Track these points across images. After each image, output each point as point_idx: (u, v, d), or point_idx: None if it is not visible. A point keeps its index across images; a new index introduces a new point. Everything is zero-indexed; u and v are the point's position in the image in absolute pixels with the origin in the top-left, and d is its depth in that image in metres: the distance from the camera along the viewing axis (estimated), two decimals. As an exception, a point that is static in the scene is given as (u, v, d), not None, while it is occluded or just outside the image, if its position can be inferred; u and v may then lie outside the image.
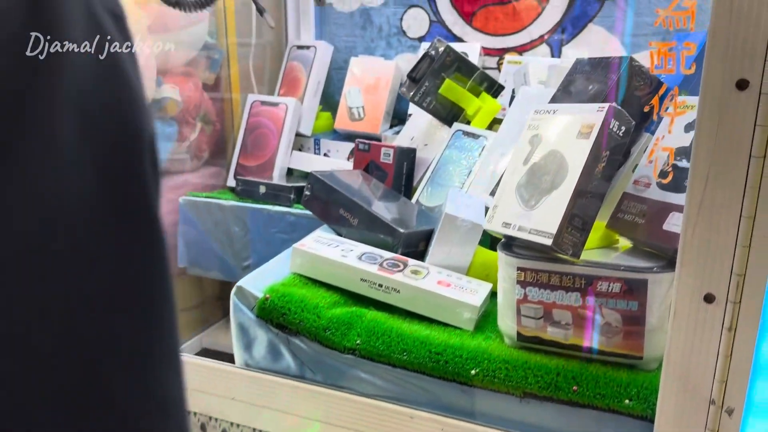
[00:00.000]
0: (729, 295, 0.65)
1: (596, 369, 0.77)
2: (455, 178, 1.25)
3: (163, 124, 1.46)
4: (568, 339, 0.79)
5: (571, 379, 0.76)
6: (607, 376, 0.75)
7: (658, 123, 0.82)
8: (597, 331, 0.77)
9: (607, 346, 0.77)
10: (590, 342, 0.77)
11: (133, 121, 0.34)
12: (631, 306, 0.75)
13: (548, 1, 1.45)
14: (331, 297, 0.95)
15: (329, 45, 1.70)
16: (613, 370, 0.76)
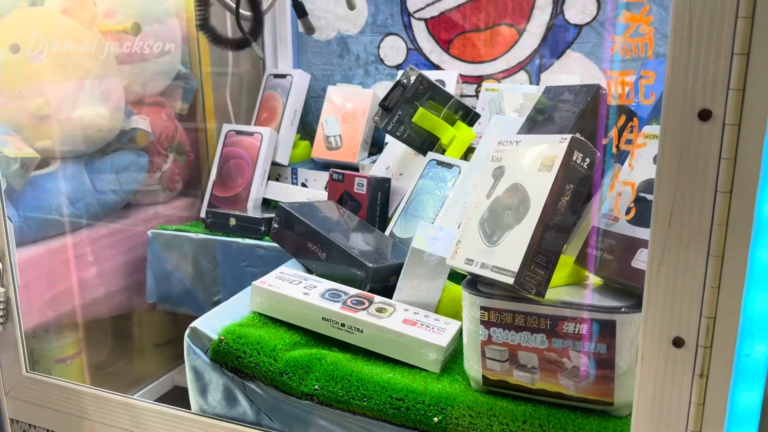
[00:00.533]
0: (699, 339, 0.60)
1: (565, 416, 0.72)
2: (429, 209, 1.21)
3: (132, 154, 1.43)
4: (534, 383, 0.74)
5: (538, 427, 0.71)
6: (577, 423, 0.71)
7: (626, 154, 0.78)
8: (564, 375, 0.72)
9: (576, 391, 0.72)
10: (558, 387, 0.72)
11: None
12: (599, 348, 0.70)
13: (526, 28, 1.43)
14: (291, 338, 0.90)
15: (306, 73, 1.67)
16: (582, 417, 0.72)
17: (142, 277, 1.42)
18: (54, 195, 1.26)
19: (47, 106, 1.24)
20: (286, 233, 1.17)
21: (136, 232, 1.42)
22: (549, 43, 1.42)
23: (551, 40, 1.42)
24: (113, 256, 1.38)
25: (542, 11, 1.41)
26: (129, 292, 1.42)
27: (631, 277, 0.72)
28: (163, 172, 1.51)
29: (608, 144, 0.73)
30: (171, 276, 1.39)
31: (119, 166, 1.37)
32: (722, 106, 0.56)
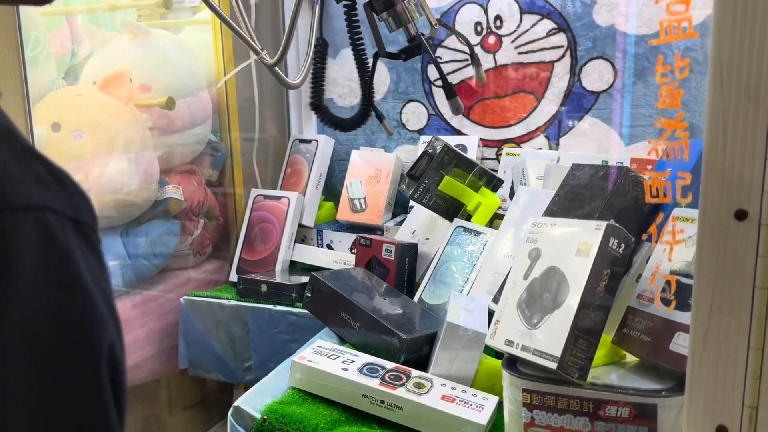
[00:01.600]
0: (742, 428, 0.62)
1: (609, 500, 0.73)
2: (457, 275, 1.24)
3: (165, 223, 1.47)
4: (578, 466, 0.75)
5: None
6: None
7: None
8: (608, 458, 0.73)
9: (620, 474, 0.73)
10: (602, 470, 0.73)
11: (86, 333, 0.33)
12: (641, 431, 0.72)
13: (544, 95, 1.48)
14: (332, 415, 0.92)
15: (330, 138, 1.72)
16: (627, 501, 0.73)
17: (175, 342, 1.44)
18: (92, 267, 1.29)
19: (86, 182, 1.28)
20: (319, 302, 1.20)
21: (169, 298, 1.45)
22: (567, 109, 1.46)
23: (569, 106, 1.46)
24: (147, 322, 1.41)
25: (560, 79, 1.46)
26: (162, 357, 1.44)
27: (670, 361, 0.73)
28: (194, 237, 1.55)
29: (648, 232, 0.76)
30: (202, 341, 1.41)
31: (153, 234, 1.41)
32: (758, 206, 0.58)
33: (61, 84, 1.39)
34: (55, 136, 1.26)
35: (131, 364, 1.39)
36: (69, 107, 1.30)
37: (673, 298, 0.72)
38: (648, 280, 0.79)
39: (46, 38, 1.38)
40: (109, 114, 1.32)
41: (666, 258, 0.74)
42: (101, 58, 1.46)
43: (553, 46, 1.45)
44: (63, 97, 1.33)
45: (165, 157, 1.49)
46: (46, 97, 1.32)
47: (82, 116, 1.29)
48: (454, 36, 1.54)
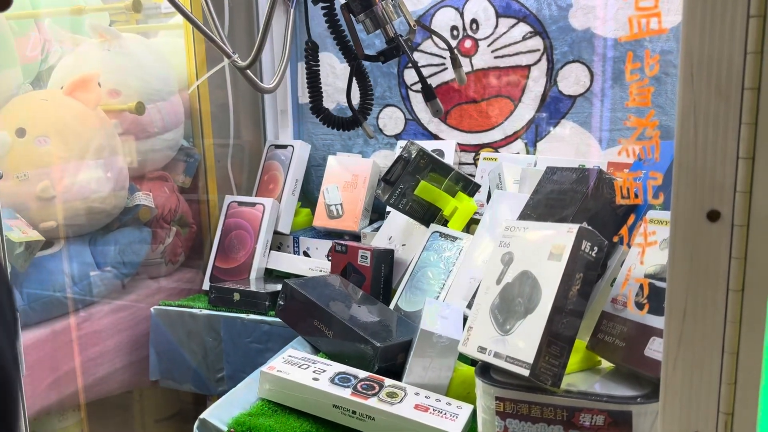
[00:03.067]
0: (718, 435, 0.60)
1: None
2: (434, 282, 1.21)
3: (135, 231, 1.43)
4: (553, 476, 0.73)
5: None
6: None
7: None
8: (583, 468, 0.71)
9: (595, 485, 0.71)
10: (577, 480, 0.71)
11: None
12: (617, 441, 0.69)
13: (521, 99, 1.47)
14: (302, 426, 0.89)
15: (307, 144, 1.70)
16: None
17: (145, 353, 1.40)
18: (58, 275, 1.26)
19: (52, 188, 1.25)
20: (292, 310, 1.17)
21: (139, 307, 1.41)
22: (544, 113, 1.45)
23: (546, 111, 1.45)
24: (116, 333, 1.37)
25: (537, 83, 1.45)
26: (132, 369, 1.40)
27: (645, 366, 0.72)
28: (165, 245, 1.51)
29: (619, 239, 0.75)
30: (174, 352, 1.38)
31: (123, 243, 1.38)
32: (730, 207, 0.57)
33: (27, 89, 1.36)
34: (20, 141, 1.23)
35: (100, 375, 1.35)
36: (34, 112, 1.26)
37: (647, 302, 0.70)
38: (621, 284, 0.77)
39: (9, 43, 1.35)
40: (76, 119, 1.29)
41: (638, 261, 0.73)
42: (70, 62, 1.43)
43: (529, 50, 1.44)
44: (28, 102, 1.29)
45: (136, 163, 1.46)
46: (10, 101, 1.28)
47: (47, 121, 1.25)
48: (430, 40, 1.53)
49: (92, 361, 1.32)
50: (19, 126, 1.23)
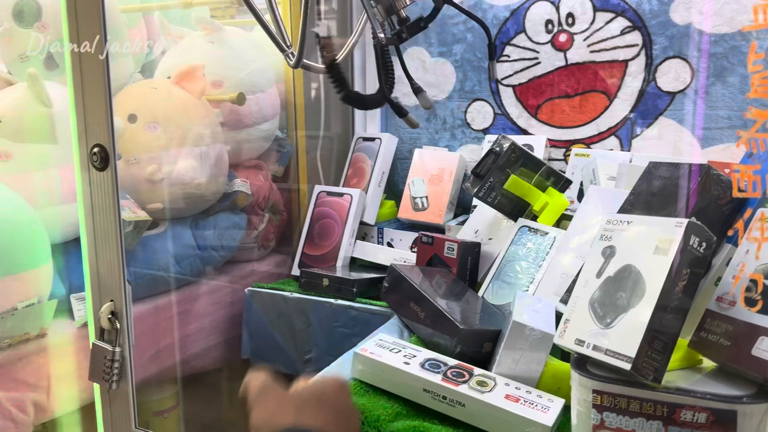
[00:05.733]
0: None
1: None
2: (522, 276, 1.21)
3: (233, 216, 1.50)
4: (650, 472, 0.72)
5: None
6: None
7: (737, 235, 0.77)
8: (683, 465, 0.70)
9: (696, 484, 0.70)
10: (676, 478, 0.70)
11: None
12: (720, 440, 0.68)
13: (617, 94, 1.44)
14: (393, 408, 0.91)
15: (394, 137, 1.72)
16: None
17: (238, 332, 1.47)
18: (162, 254, 1.34)
19: (159, 171, 1.33)
20: (394, 292, 1.21)
21: (234, 288, 1.48)
22: (641, 109, 1.42)
23: (643, 107, 1.42)
24: (212, 312, 1.44)
25: (634, 78, 1.41)
26: (224, 347, 1.47)
27: (752, 366, 0.70)
28: (259, 231, 1.58)
29: (731, 229, 0.73)
30: (265, 333, 1.44)
31: (221, 227, 1.45)
32: None
33: (137, 78, 1.45)
34: (131, 126, 1.31)
35: (196, 351, 1.42)
36: (145, 100, 1.34)
37: (760, 299, 0.68)
38: (730, 282, 0.75)
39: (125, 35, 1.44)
40: (183, 107, 1.37)
41: (753, 256, 0.70)
42: (176, 53, 1.51)
43: (627, 45, 1.41)
44: (139, 90, 1.38)
45: (233, 151, 1.53)
46: (123, 89, 1.37)
47: (157, 109, 1.33)
48: (523, 34, 1.52)
49: (189, 337, 1.40)
50: (130, 112, 1.32)
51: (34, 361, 1.13)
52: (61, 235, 1.23)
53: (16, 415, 1.09)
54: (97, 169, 1.00)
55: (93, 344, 1.05)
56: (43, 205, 1.19)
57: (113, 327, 1.04)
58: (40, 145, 1.21)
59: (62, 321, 1.21)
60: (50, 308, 1.16)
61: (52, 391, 1.15)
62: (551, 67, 1.50)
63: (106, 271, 1.04)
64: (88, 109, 1.00)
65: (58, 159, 1.21)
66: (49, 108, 1.21)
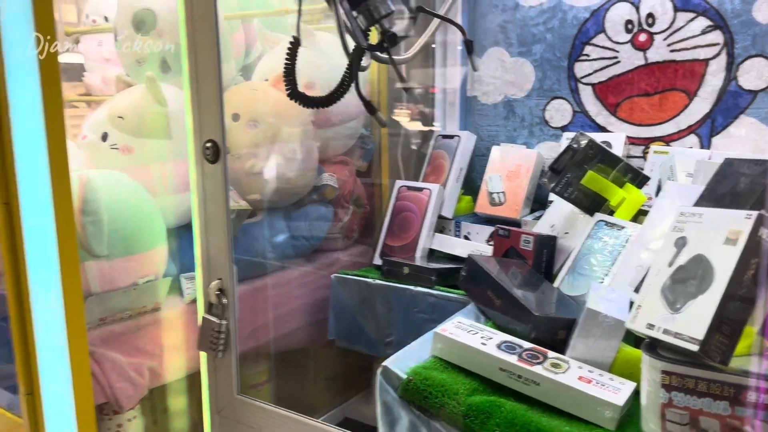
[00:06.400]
0: None
1: (748, 485, 0.74)
2: (597, 269, 1.26)
3: (321, 207, 1.62)
4: (716, 449, 0.77)
5: (721, 492, 0.74)
6: (761, 494, 0.72)
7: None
8: (749, 444, 0.74)
9: (761, 461, 0.74)
10: (741, 455, 0.74)
11: None
12: (786, 421, 0.72)
13: (697, 92, 1.45)
14: (471, 384, 0.99)
15: (472, 134, 1.79)
16: (767, 488, 0.73)
17: (324, 315, 1.58)
18: (260, 241, 1.47)
19: (258, 166, 1.46)
20: (471, 281, 1.28)
21: (321, 275, 1.60)
22: (721, 107, 1.43)
23: (723, 105, 1.42)
24: (301, 295, 1.56)
25: (714, 77, 1.42)
26: (312, 329, 1.59)
27: (822, 353, 0.73)
28: (344, 222, 1.69)
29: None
30: (349, 316, 1.54)
31: (311, 217, 1.56)
32: None
33: (239, 80, 1.59)
34: (234, 124, 1.45)
35: (286, 331, 1.55)
36: (246, 100, 1.48)
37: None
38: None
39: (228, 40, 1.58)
40: (279, 107, 1.49)
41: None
42: (272, 57, 1.64)
43: (708, 44, 1.42)
44: (241, 92, 1.52)
45: (322, 148, 1.65)
46: (227, 90, 1.51)
47: (256, 108, 1.46)
48: (603, 34, 1.55)
49: (281, 317, 1.52)
50: (234, 111, 1.45)
51: (150, 331, 1.28)
52: (174, 221, 1.38)
53: (135, 378, 1.24)
54: (209, 161, 1.13)
55: (203, 317, 1.19)
56: (158, 194, 1.34)
57: (220, 302, 1.17)
58: (156, 140, 1.36)
59: (173, 298, 1.36)
60: (165, 285, 1.31)
61: (164, 359, 1.29)
62: (631, 66, 1.53)
63: (215, 253, 1.17)
64: (202, 108, 1.13)
65: (172, 153, 1.36)
66: (165, 107, 1.35)
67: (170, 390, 1.36)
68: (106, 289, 1.20)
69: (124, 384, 1.22)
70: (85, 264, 1.16)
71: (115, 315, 1.23)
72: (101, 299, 1.19)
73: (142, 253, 1.24)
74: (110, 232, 1.18)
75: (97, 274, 1.17)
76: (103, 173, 1.24)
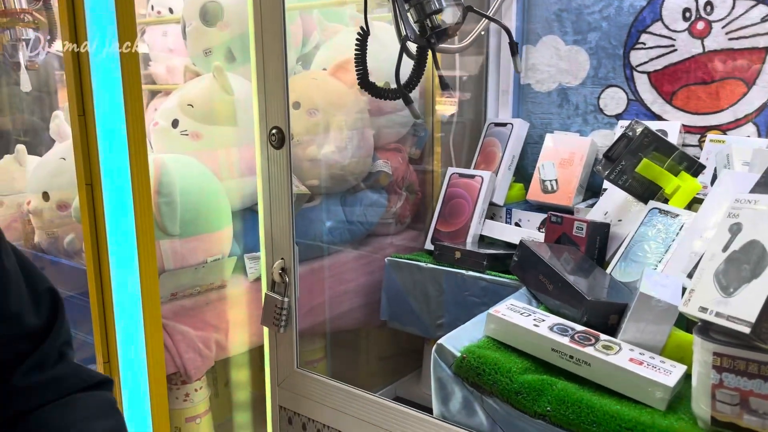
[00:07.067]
0: None
1: (798, 464, 0.75)
2: (650, 255, 1.27)
3: (375, 193, 1.67)
4: (766, 428, 0.78)
5: (769, 470, 0.76)
6: (810, 473, 0.74)
7: None
8: (800, 425, 0.76)
9: (811, 442, 0.75)
10: (792, 436, 0.76)
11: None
12: (838, 404, 0.73)
13: (755, 81, 1.43)
14: (523, 363, 1.02)
15: (525, 122, 1.81)
16: (816, 467, 0.75)
17: (377, 297, 1.64)
18: (317, 224, 1.53)
19: (316, 152, 1.52)
20: (523, 266, 1.31)
21: (375, 258, 1.65)
22: (782, 96, 1.41)
23: (785, 94, 1.40)
24: (356, 277, 1.62)
25: (776, 65, 1.40)
26: (365, 310, 1.65)
27: None
28: (397, 208, 1.74)
29: None
30: (401, 298, 1.59)
31: (366, 203, 1.62)
32: None
33: (298, 69, 1.65)
34: (296, 112, 1.51)
35: (341, 311, 1.61)
36: (306, 89, 1.53)
37: None
38: None
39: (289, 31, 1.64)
40: (338, 96, 1.54)
41: None
42: (330, 47, 1.69)
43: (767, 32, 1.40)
44: (301, 80, 1.57)
45: (377, 135, 1.70)
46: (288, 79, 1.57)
47: (316, 96, 1.52)
48: (660, 22, 1.55)
49: (336, 298, 1.59)
50: (295, 100, 1.51)
51: (217, 306, 1.36)
52: (239, 204, 1.46)
53: (203, 350, 1.32)
54: (274, 147, 1.19)
55: (266, 294, 1.25)
56: (224, 178, 1.41)
57: (283, 281, 1.23)
58: (223, 127, 1.43)
59: (237, 276, 1.44)
60: (230, 264, 1.38)
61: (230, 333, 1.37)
62: (688, 54, 1.52)
63: (278, 234, 1.23)
64: (269, 96, 1.19)
65: (238, 139, 1.43)
66: (231, 95, 1.43)
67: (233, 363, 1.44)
68: (178, 266, 1.28)
69: (192, 355, 1.30)
70: (160, 242, 1.24)
71: (185, 290, 1.31)
72: (173, 275, 1.27)
73: (210, 233, 1.31)
74: (182, 212, 1.26)
75: (170, 252, 1.26)
76: (176, 157, 1.32)
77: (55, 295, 0.68)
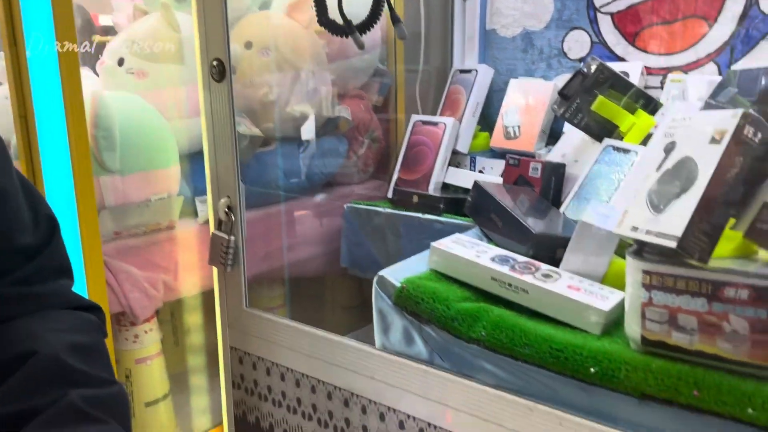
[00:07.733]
0: None
1: (719, 376, 0.75)
2: (602, 192, 1.25)
3: (335, 140, 1.64)
4: (693, 345, 0.78)
5: (693, 384, 0.75)
6: (731, 384, 0.73)
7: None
8: (723, 338, 0.75)
9: (734, 354, 0.74)
10: (715, 349, 0.75)
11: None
12: (759, 314, 0.72)
13: (717, 19, 1.40)
14: (462, 293, 1.01)
15: (490, 68, 1.78)
16: (737, 378, 0.74)
17: (337, 245, 1.62)
18: (272, 169, 1.51)
19: (271, 94, 1.48)
20: (477, 206, 1.30)
21: (336, 206, 1.63)
22: (741, 34, 1.38)
23: (744, 32, 1.37)
24: (314, 225, 1.60)
25: (735, 2, 1.37)
26: (325, 258, 1.63)
27: (802, 250, 0.72)
28: (359, 156, 1.71)
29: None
30: (361, 245, 1.58)
31: (325, 150, 1.59)
32: None
33: (254, 10, 1.60)
34: (247, 52, 1.47)
35: (300, 258, 1.60)
36: (259, 28, 1.50)
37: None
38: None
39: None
40: (292, 36, 1.51)
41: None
42: (289, -13, 1.65)
43: (731, -34, 1.37)
44: (255, 20, 1.54)
45: (337, 81, 1.66)
46: (244, 18, 1.53)
47: (269, 36, 1.48)
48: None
49: (295, 245, 1.57)
50: (247, 40, 1.48)
51: (164, 247, 1.34)
52: (188, 146, 1.43)
53: (149, 290, 1.31)
54: (215, 80, 1.16)
55: (212, 233, 1.24)
56: (172, 117, 1.38)
57: (229, 219, 1.21)
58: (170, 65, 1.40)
59: (188, 219, 1.42)
60: (178, 203, 1.36)
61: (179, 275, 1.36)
62: (651, -8, 1.48)
63: (223, 171, 1.21)
64: (209, 27, 1.15)
65: (186, 79, 1.39)
66: (178, 33, 1.39)
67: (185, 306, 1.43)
68: (120, 203, 1.25)
69: (138, 294, 1.28)
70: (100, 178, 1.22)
71: (130, 230, 1.29)
72: (115, 213, 1.25)
73: (154, 170, 1.29)
74: (122, 147, 1.23)
75: (111, 188, 1.23)
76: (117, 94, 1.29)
77: (54, 222, 0.68)
